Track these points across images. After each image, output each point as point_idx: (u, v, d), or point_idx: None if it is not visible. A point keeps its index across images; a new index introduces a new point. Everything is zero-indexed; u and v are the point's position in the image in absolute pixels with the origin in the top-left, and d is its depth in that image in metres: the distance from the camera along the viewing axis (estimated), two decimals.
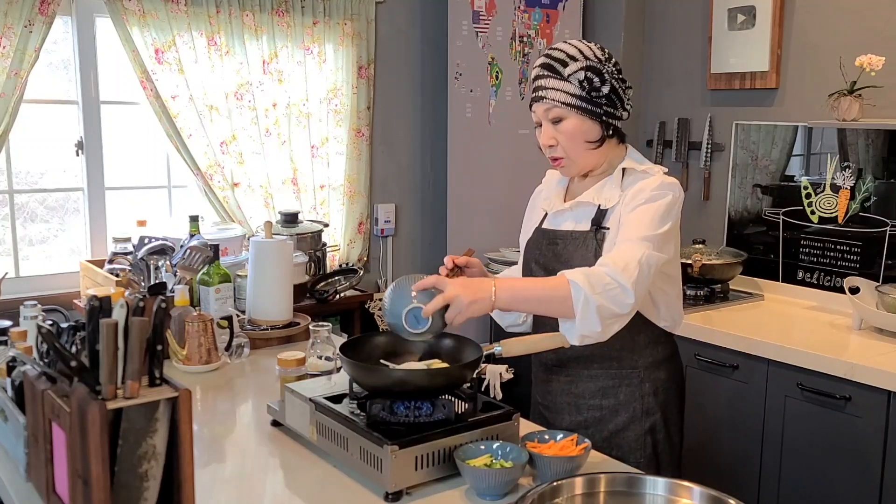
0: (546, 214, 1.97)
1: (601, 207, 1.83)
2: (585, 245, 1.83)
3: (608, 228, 1.82)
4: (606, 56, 1.82)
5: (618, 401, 1.87)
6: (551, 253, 1.89)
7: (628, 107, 1.84)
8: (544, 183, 2.06)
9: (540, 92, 1.82)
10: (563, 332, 1.71)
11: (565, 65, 1.79)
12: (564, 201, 1.93)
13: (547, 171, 2.06)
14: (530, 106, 1.87)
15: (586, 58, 1.79)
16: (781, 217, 3.30)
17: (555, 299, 1.65)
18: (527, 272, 1.98)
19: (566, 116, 1.79)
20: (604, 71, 1.78)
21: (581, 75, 1.77)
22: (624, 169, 1.84)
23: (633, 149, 1.90)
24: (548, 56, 1.83)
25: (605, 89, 1.78)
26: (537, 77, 1.84)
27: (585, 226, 1.85)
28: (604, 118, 1.80)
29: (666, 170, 1.87)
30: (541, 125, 1.85)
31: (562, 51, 1.81)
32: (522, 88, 3.81)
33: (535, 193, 2.08)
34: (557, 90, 1.79)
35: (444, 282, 1.62)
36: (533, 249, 1.96)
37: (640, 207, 1.76)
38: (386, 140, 3.79)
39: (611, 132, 1.83)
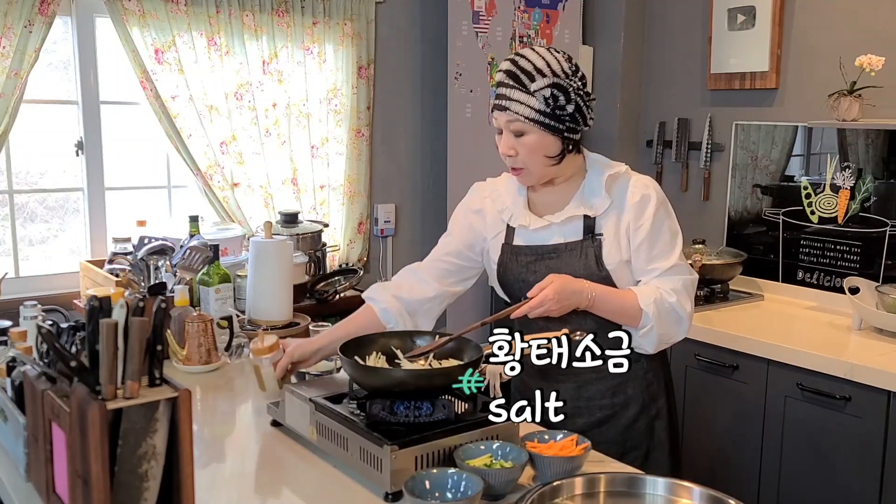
0: (511, 229, 1.93)
1: (589, 216, 1.85)
2: (584, 253, 1.85)
3: (602, 235, 1.85)
4: (573, 69, 1.80)
5: (627, 396, 1.92)
6: (545, 268, 1.87)
7: (590, 121, 1.85)
8: (489, 195, 1.99)
9: (503, 102, 1.80)
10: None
11: (532, 79, 1.77)
12: (536, 215, 1.91)
13: (484, 181, 2.03)
14: (491, 110, 1.86)
15: (554, 73, 1.77)
16: (781, 217, 3.30)
17: (627, 318, 1.82)
18: (513, 292, 1.94)
19: (528, 131, 1.79)
20: (570, 89, 1.77)
21: (547, 92, 1.76)
22: (608, 175, 1.86)
23: (589, 152, 1.92)
24: (514, 64, 1.80)
25: (570, 108, 1.77)
26: (502, 84, 1.81)
27: (576, 235, 1.87)
28: (565, 134, 1.80)
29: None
30: (501, 132, 1.84)
31: (529, 61, 1.79)
32: None
33: (476, 203, 2.01)
34: (522, 104, 1.77)
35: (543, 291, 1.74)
36: (515, 268, 1.92)
37: (661, 232, 1.84)
38: (386, 140, 3.79)
39: (570, 147, 1.84)
